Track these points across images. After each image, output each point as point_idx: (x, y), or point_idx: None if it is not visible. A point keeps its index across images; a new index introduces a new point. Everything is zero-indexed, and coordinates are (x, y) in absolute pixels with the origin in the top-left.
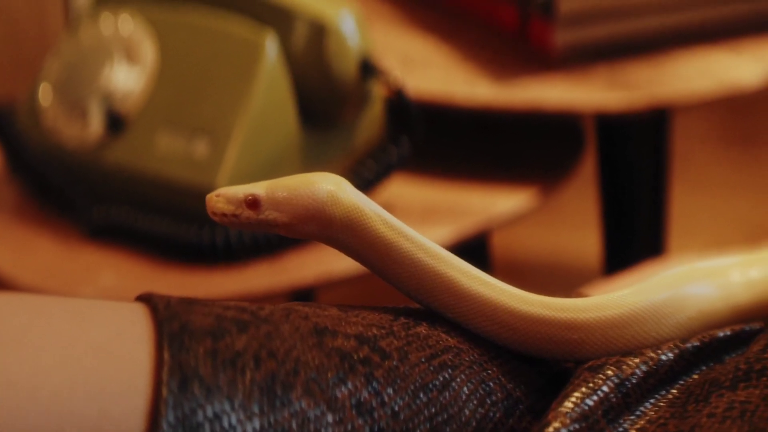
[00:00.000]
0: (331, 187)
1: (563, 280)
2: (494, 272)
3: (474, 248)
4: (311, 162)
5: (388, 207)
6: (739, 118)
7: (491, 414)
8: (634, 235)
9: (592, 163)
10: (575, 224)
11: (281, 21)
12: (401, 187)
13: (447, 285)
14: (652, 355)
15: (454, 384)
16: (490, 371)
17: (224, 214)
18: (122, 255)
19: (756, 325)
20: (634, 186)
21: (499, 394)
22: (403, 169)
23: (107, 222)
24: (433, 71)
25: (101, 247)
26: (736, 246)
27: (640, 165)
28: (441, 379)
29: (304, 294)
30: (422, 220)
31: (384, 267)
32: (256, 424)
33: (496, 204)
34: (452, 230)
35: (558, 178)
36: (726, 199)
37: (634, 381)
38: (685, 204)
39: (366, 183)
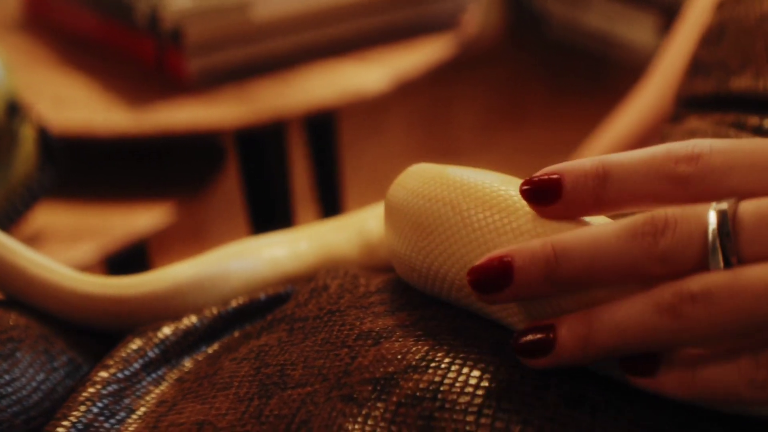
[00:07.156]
0: None
1: None
2: None
3: (133, 266)
4: None
5: (39, 232)
6: (438, 131)
7: (52, 377)
8: None
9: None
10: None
11: None
12: (51, 214)
13: (18, 273)
14: (193, 318)
15: (18, 354)
16: (54, 343)
17: None
18: None
19: (299, 287)
20: (273, 199)
21: (61, 362)
22: (52, 197)
23: None
24: (78, 106)
25: None
26: None
27: (280, 178)
28: (7, 350)
29: None
30: (69, 242)
31: None
32: None
33: (136, 221)
34: (96, 248)
35: (195, 193)
36: None
37: (173, 339)
38: None
39: (18, 211)
